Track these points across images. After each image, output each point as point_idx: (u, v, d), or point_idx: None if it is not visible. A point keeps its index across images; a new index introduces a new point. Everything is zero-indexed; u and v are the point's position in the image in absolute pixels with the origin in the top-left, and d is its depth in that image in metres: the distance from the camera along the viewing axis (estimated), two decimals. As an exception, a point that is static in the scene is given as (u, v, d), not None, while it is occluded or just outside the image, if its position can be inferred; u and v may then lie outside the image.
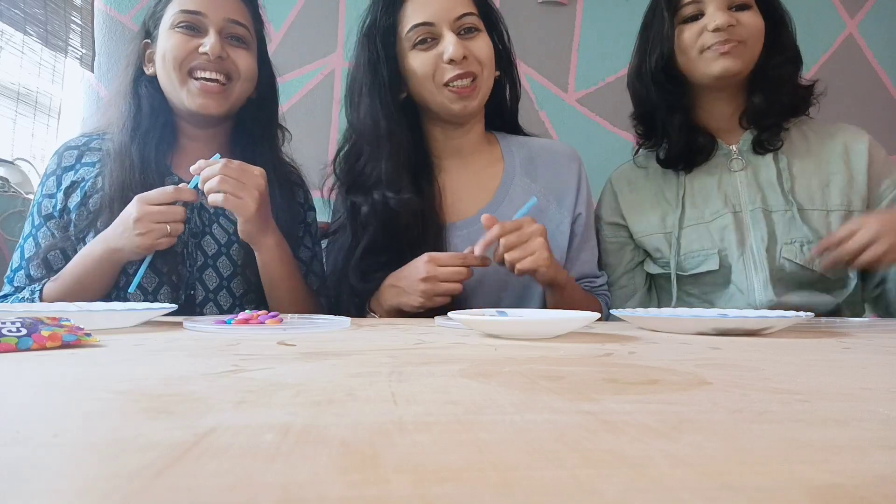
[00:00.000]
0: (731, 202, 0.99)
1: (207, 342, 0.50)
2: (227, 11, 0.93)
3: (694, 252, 1.00)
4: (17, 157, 1.51)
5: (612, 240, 1.08)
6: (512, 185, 1.01)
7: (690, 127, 1.01)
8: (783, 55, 0.95)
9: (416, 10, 0.90)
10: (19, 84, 1.55)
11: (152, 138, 0.94)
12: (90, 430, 0.21)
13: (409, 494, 0.15)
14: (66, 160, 0.97)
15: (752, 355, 0.44)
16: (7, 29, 1.48)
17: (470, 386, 0.30)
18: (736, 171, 0.99)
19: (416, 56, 0.91)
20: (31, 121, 1.60)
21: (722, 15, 0.91)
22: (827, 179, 0.96)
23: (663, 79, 0.98)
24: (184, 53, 0.90)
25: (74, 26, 1.71)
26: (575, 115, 1.89)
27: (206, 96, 0.92)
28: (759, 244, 0.96)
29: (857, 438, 0.21)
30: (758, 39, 0.93)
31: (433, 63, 0.90)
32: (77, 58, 1.72)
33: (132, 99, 0.95)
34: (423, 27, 0.90)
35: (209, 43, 0.90)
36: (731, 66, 0.92)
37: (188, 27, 0.91)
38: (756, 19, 0.93)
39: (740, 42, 0.92)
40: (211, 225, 0.97)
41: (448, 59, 0.88)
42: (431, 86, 0.91)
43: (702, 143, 1.00)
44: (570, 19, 1.91)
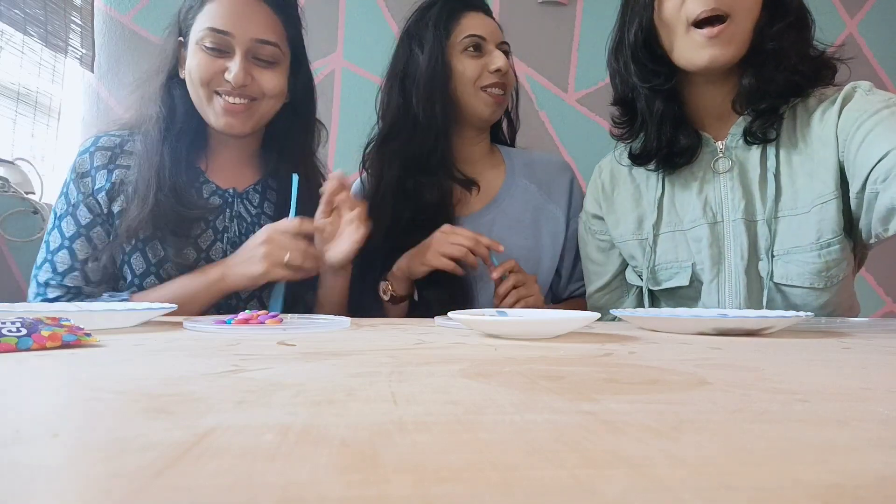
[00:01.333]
0: (711, 210, 0.86)
1: (207, 342, 0.50)
2: (256, 31, 0.90)
3: (668, 263, 0.90)
4: (17, 157, 1.51)
5: (601, 237, 1.01)
6: (513, 184, 1.12)
7: (673, 119, 0.86)
8: (783, 20, 0.77)
9: (473, 24, 1.05)
10: (19, 84, 1.55)
11: (185, 140, 0.93)
12: (90, 430, 0.21)
13: (409, 494, 0.15)
14: (98, 159, 0.93)
15: (752, 355, 0.44)
16: (7, 29, 1.48)
17: (470, 386, 0.30)
18: (721, 172, 0.86)
19: (465, 60, 1.04)
20: (31, 121, 1.60)
21: None
22: (815, 168, 0.80)
23: (644, 56, 0.84)
24: (209, 75, 0.90)
25: (74, 26, 1.71)
26: (575, 115, 1.89)
27: (231, 116, 0.91)
28: (738, 262, 0.84)
29: (857, 438, 0.21)
30: (750, 10, 0.77)
31: (479, 69, 1.03)
32: (77, 58, 1.72)
33: (166, 99, 0.93)
34: (478, 38, 1.04)
35: (234, 71, 0.88)
36: (720, 54, 0.77)
37: (214, 49, 0.89)
38: None
39: (729, 18, 0.76)
40: (248, 234, 0.95)
41: (495, 69, 1.03)
42: (472, 88, 1.04)
43: (684, 144, 0.86)
44: (570, 19, 1.91)
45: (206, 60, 0.89)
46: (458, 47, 1.04)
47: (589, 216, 1.03)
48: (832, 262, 0.80)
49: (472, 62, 1.03)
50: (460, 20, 1.04)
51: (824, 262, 0.80)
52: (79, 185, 0.92)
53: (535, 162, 1.16)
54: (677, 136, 0.86)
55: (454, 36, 1.04)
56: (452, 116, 1.06)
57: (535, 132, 1.86)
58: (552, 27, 1.90)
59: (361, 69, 1.86)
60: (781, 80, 0.79)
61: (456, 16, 1.05)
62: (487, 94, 1.04)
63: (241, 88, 0.90)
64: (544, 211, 1.11)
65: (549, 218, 1.11)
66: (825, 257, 0.79)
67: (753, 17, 0.78)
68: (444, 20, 1.05)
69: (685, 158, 0.87)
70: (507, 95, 1.07)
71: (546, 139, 1.88)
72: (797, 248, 0.81)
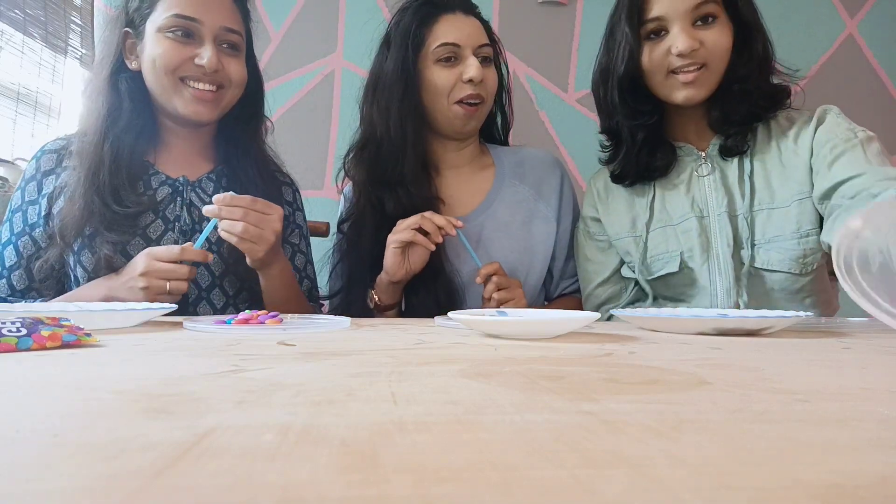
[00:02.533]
0: (698, 206, 0.96)
1: (207, 342, 0.50)
2: (222, 19, 0.91)
3: (659, 254, 0.99)
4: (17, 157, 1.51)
5: (599, 238, 1.07)
6: (502, 187, 1.11)
7: (652, 143, 0.97)
8: (750, 64, 0.90)
9: (447, 30, 0.99)
10: (19, 84, 1.55)
11: (131, 135, 0.91)
12: (90, 430, 0.21)
13: (409, 494, 0.15)
14: (45, 164, 0.94)
15: (752, 355, 0.44)
16: (7, 29, 1.48)
17: (470, 386, 0.30)
18: (703, 175, 0.97)
19: (438, 71, 1.00)
20: (31, 121, 1.60)
21: (685, 39, 0.86)
22: (789, 172, 0.92)
23: (629, 93, 0.94)
24: (177, 62, 0.89)
25: (74, 26, 1.71)
26: (575, 115, 1.89)
27: (200, 104, 0.91)
28: (725, 249, 0.93)
29: (857, 438, 0.21)
30: (723, 58, 0.89)
31: (453, 80, 0.99)
32: (77, 58, 1.72)
33: (111, 93, 0.91)
34: (451, 47, 0.99)
35: (206, 56, 0.88)
36: (695, 95, 0.90)
37: (183, 33, 0.88)
38: (721, 36, 0.88)
39: (704, 66, 0.88)
40: (201, 223, 0.96)
41: (468, 79, 0.98)
42: (445, 100, 1.00)
43: (659, 163, 0.97)
44: (570, 19, 1.91)
45: (173, 47, 0.88)
46: (430, 57, 0.99)
47: (587, 221, 1.09)
48: (809, 250, 0.90)
49: (444, 73, 0.99)
50: (433, 26, 0.99)
51: (802, 250, 0.90)
52: (24, 190, 0.94)
53: (526, 160, 1.14)
54: (654, 155, 0.98)
55: (427, 44, 0.99)
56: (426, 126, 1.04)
57: (535, 132, 1.86)
58: (552, 27, 1.90)
59: (361, 69, 1.86)
60: (744, 111, 0.92)
61: (429, 22, 1.00)
62: (460, 107, 1.00)
63: (212, 75, 0.90)
64: (535, 212, 1.09)
65: (540, 218, 1.09)
66: (804, 245, 0.90)
67: (725, 62, 0.90)
68: (416, 26, 1.00)
69: (660, 173, 0.99)
70: (485, 104, 1.03)
71: (546, 139, 1.88)
72: (779, 236, 0.91)
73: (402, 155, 1.01)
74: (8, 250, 0.92)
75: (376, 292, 0.99)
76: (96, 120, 0.90)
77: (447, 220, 0.92)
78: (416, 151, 1.02)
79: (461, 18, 1.01)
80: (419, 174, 1.03)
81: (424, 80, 1.00)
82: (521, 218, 1.09)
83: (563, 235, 1.11)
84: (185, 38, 0.89)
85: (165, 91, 0.91)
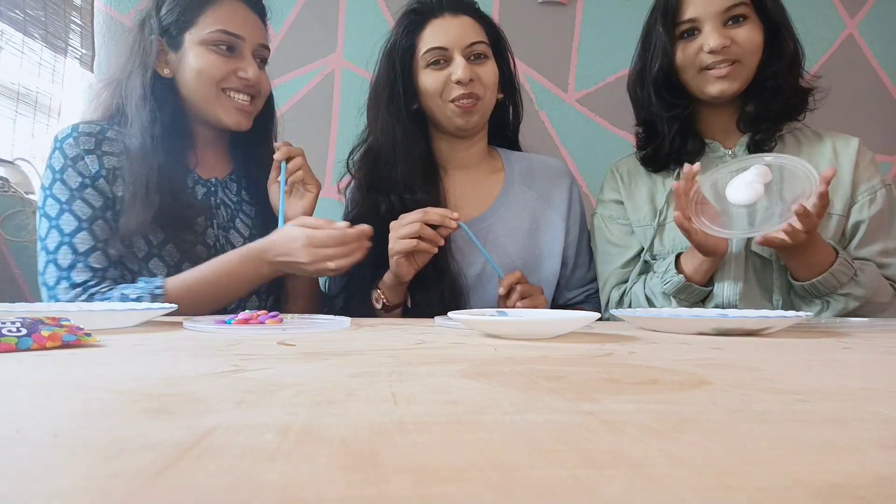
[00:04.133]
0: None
1: (207, 342, 0.50)
2: (259, 36, 1.00)
3: (676, 248, 1.00)
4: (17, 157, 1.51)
5: (622, 221, 1.07)
6: (511, 192, 1.11)
7: (685, 132, 1.02)
8: (781, 62, 0.94)
9: (434, 35, 1.02)
10: (19, 84, 1.54)
11: (173, 141, 0.95)
12: (90, 430, 0.21)
13: (409, 494, 0.15)
14: (84, 143, 0.92)
15: (752, 355, 0.44)
16: (7, 29, 1.48)
17: (470, 386, 0.30)
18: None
19: (429, 74, 1.02)
20: (31, 121, 1.60)
21: (717, 37, 0.91)
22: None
23: (664, 89, 1.00)
24: (223, 73, 0.95)
25: (74, 26, 1.71)
26: (575, 115, 1.89)
27: (241, 114, 0.99)
28: (739, 242, 0.95)
29: (857, 438, 0.21)
30: (754, 54, 0.93)
31: (443, 82, 1.01)
32: (77, 58, 1.72)
33: (151, 101, 0.94)
34: (438, 51, 1.01)
35: (251, 71, 0.96)
36: (728, 88, 0.94)
37: (226, 47, 0.95)
38: (752, 33, 0.93)
39: (736, 62, 0.93)
40: (234, 220, 1.02)
41: (455, 80, 1.00)
42: (439, 101, 1.03)
43: (689, 150, 1.01)
44: (570, 19, 1.91)
45: (219, 60, 0.95)
46: (421, 62, 1.03)
47: (609, 204, 1.10)
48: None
49: (435, 76, 1.02)
50: (422, 32, 1.02)
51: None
52: (77, 168, 0.91)
53: (535, 167, 1.15)
54: (685, 144, 1.01)
55: (418, 50, 1.03)
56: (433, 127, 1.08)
57: (535, 132, 1.86)
58: (552, 27, 1.90)
59: (361, 69, 1.86)
60: (777, 108, 0.96)
61: (418, 29, 1.03)
62: (455, 106, 1.01)
63: (253, 87, 0.98)
64: (543, 218, 1.10)
65: (548, 225, 1.10)
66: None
67: (757, 59, 0.94)
68: (405, 36, 1.03)
69: (689, 158, 1.00)
70: (483, 99, 1.03)
71: (546, 139, 1.88)
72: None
73: (402, 159, 1.04)
74: (80, 237, 0.89)
75: (383, 292, 0.99)
76: (148, 125, 0.92)
77: (443, 215, 0.91)
78: (415, 155, 1.04)
79: (448, 21, 1.03)
80: (425, 176, 1.05)
81: (419, 86, 1.04)
82: (529, 224, 1.09)
83: (572, 244, 1.11)
84: (228, 52, 0.95)
85: (208, 100, 0.96)
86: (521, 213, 1.09)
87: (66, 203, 0.90)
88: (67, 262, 0.88)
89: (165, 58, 0.97)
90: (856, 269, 0.86)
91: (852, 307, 0.87)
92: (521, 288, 0.94)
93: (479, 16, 1.06)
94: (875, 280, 0.88)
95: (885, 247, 0.93)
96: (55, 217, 0.89)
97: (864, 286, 0.86)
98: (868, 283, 0.87)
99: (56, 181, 0.91)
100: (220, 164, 1.07)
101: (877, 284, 0.88)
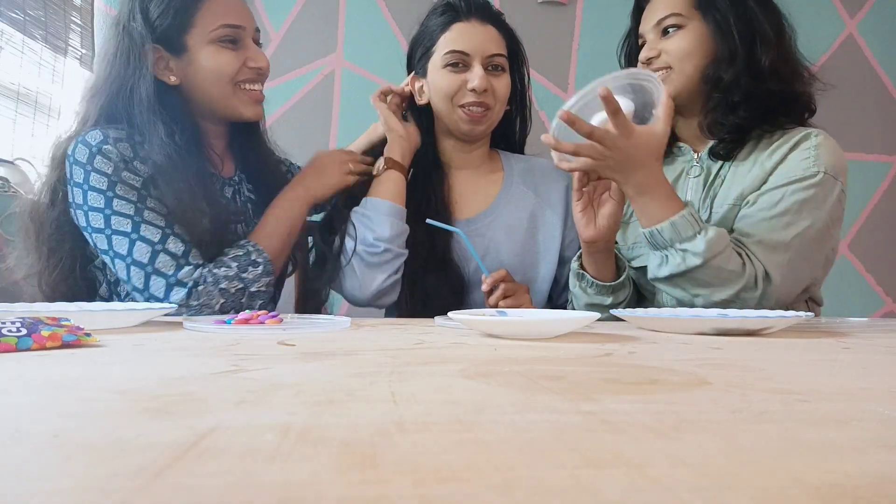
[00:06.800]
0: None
1: (207, 342, 0.50)
2: (253, 20, 0.98)
3: (639, 244, 1.01)
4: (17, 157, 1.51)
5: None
6: (511, 192, 1.13)
7: None
8: (730, 71, 0.90)
9: (458, 38, 1.03)
10: (19, 84, 1.54)
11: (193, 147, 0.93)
12: (90, 430, 0.21)
13: (409, 494, 0.15)
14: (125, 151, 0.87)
15: (752, 355, 0.44)
16: (7, 29, 1.48)
17: (470, 386, 0.30)
18: (693, 176, 1.00)
19: (445, 75, 1.03)
20: (31, 121, 1.60)
21: (646, 49, 0.97)
22: (748, 181, 0.92)
23: None
24: (235, 69, 0.93)
25: (74, 26, 1.70)
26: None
27: (258, 105, 0.98)
28: None
29: (857, 438, 0.21)
30: (684, 60, 0.94)
31: (458, 86, 1.02)
32: (77, 58, 1.72)
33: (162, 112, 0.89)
34: (459, 54, 1.02)
35: (261, 59, 0.96)
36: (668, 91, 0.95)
37: (231, 41, 0.93)
38: (682, 41, 0.93)
39: (668, 68, 0.95)
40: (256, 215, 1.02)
41: (471, 88, 1.02)
42: (449, 104, 1.04)
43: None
44: (570, 19, 1.91)
45: (230, 55, 0.93)
46: (440, 61, 1.03)
47: None
48: None
49: (450, 77, 1.02)
50: (446, 32, 1.03)
51: None
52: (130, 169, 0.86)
53: (535, 168, 1.16)
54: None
55: (438, 48, 1.04)
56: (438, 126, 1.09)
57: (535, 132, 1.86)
58: (552, 27, 1.90)
59: (361, 69, 1.86)
60: (730, 123, 0.94)
61: (444, 27, 1.04)
62: (464, 112, 1.03)
63: (264, 74, 0.97)
64: (541, 217, 1.11)
65: (546, 225, 1.11)
66: None
67: (692, 64, 0.94)
68: (434, 30, 1.05)
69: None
70: (492, 111, 1.05)
71: (546, 139, 1.88)
72: None
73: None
74: (170, 242, 0.85)
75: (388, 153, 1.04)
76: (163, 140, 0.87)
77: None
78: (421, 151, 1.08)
79: (474, 27, 1.04)
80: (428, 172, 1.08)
81: (433, 82, 1.05)
82: (527, 222, 1.10)
83: (569, 244, 1.12)
84: (233, 45, 0.94)
85: (225, 97, 0.95)
86: (520, 213, 1.10)
87: (138, 210, 0.85)
88: (171, 268, 0.84)
89: (167, 65, 0.92)
90: (702, 227, 0.82)
91: (691, 266, 0.82)
92: (505, 286, 0.95)
93: (505, 28, 1.09)
94: (721, 245, 0.82)
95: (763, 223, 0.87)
96: (133, 230, 0.84)
97: (706, 247, 0.81)
98: (712, 245, 0.81)
99: (116, 183, 0.85)
100: (228, 162, 1.06)
101: (722, 250, 0.82)
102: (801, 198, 0.86)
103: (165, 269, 0.84)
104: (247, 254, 0.88)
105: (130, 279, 0.84)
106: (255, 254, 0.89)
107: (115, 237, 0.84)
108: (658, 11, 0.96)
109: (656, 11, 0.96)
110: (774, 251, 0.84)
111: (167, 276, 0.84)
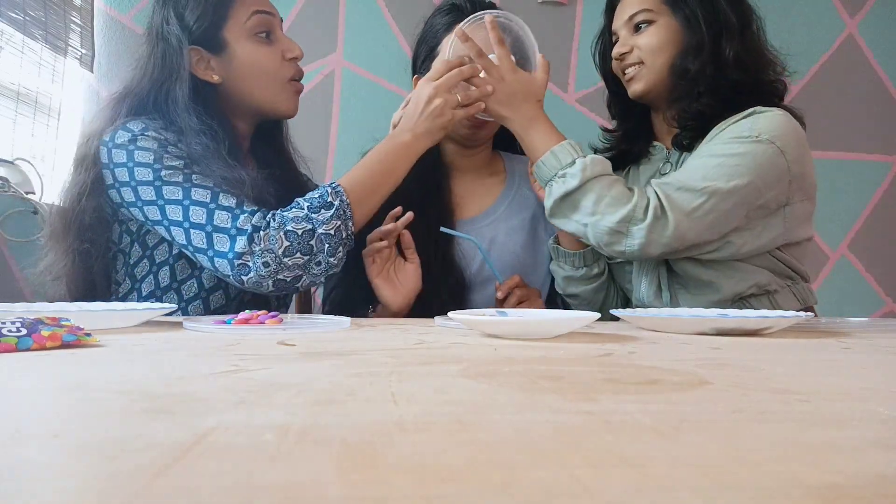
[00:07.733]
0: None
1: (207, 342, 0.50)
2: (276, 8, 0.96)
3: None
4: (17, 157, 1.51)
5: None
6: (512, 193, 1.13)
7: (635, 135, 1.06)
8: (698, 59, 0.91)
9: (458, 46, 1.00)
10: (19, 84, 1.54)
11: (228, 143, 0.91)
12: (90, 430, 0.21)
13: (409, 494, 0.15)
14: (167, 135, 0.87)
15: (752, 355, 0.44)
16: (7, 29, 1.48)
17: (470, 386, 0.30)
18: (664, 173, 1.00)
19: None
20: (31, 121, 1.60)
21: (618, 46, 0.98)
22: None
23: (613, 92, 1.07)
24: (277, 63, 0.92)
25: (74, 26, 1.70)
26: (575, 115, 1.89)
27: (297, 98, 0.96)
28: None
29: (857, 438, 0.21)
30: (654, 55, 0.94)
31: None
32: (77, 58, 1.72)
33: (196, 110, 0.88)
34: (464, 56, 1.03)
35: (296, 48, 0.93)
36: (636, 89, 0.97)
37: (265, 33, 0.92)
38: (652, 37, 0.94)
39: (640, 63, 0.96)
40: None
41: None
42: None
43: (636, 151, 1.06)
44: (570, 19, 1.91)
45: (268, 49, 0.92)
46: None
47: None
48: None
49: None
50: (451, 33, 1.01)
51: None
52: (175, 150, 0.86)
53: None
54: (632, 145, 1.07)
55: (442, 49, 1.02)
56: None
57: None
58: (552, 27, 1.90)
59: (361, 69, 1.86)
60: (693, 110, 0.95)
61: (448, 27, 1.02)
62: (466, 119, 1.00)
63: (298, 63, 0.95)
64: (542, 218, 1.09)
65: (547, 225, 1.09)
66: None
67: (662, 58, 0.95)
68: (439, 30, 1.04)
69: (631, 159, 1.08)
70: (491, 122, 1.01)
71: (546, 139, 1.88)
72: None
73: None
74: (223, 198, 0.83)
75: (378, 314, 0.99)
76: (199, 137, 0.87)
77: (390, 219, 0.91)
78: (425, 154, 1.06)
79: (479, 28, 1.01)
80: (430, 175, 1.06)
81: None
82: (529, 224, 1.10)
83: None
84: (268, 39, 0.92)
85: (272, 93, 0.93)
86: (521, 214, 1.10)
87: (186, 177, 0.84)
88: (228, 221, 0.82)
89: (208, 64, 0.91)
90: (582, 154, 0.85)
91: (570, 188, 0.83)
92: (520, 292, 0.95)
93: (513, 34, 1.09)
94: (599, 168, 0.84)
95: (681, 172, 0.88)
96: (184, 196, 0.83)
97: (582, 167, 0.83)
98: (588, 167, 0.83)
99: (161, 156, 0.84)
100: (249, 158, 1.02)
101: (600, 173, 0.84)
102: (726, 151, 0.86)
103: (224, 223, 0.82)
104: (322, 195, 0.83)
105: (192, 242, 0.82)
106: (330, 195, 0.83)
107: (168, 206, 0.83)
108: (629, 8, 0.97)
109: (628, 8, 0.97)
110: (680, 191, 0.84)
111: (227, 229, 0.81)
